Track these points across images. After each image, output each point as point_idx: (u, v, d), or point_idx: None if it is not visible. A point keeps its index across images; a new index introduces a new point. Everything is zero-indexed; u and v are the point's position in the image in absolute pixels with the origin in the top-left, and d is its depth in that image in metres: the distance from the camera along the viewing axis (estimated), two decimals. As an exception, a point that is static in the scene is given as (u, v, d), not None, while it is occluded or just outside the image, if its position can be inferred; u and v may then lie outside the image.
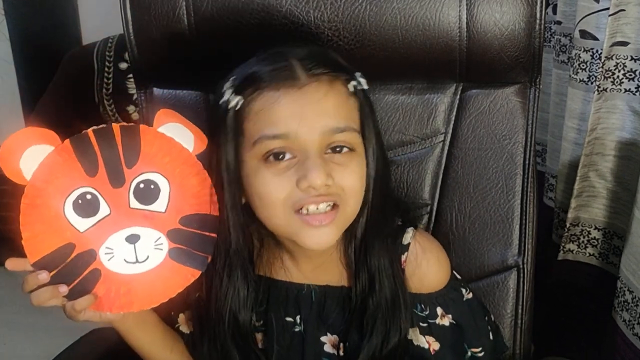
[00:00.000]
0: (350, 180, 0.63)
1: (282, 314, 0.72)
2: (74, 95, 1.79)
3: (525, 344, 0.80)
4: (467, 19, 0.75)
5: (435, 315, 0.71)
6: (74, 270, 0.62)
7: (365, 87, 0.66)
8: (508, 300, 0.79)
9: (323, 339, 0.71)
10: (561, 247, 1.13)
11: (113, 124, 0.62)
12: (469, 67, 0.79)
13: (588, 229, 1.10)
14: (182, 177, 0.64)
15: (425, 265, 0.70)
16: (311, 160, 0.60)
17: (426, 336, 0.70)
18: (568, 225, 1.11)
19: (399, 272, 0.69)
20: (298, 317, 0.72)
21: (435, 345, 0.71)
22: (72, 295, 0.62)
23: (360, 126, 0.65)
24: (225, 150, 0.64)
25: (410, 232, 0.71)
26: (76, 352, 0.82)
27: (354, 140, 0.63)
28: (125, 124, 0.63)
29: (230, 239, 0.66)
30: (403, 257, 0.70)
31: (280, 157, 0.61)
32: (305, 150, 0.61)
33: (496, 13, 0.75)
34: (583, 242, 1.11)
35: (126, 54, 1.82)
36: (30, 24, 2.01)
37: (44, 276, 0.61)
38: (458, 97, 0.81)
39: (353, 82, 0.64)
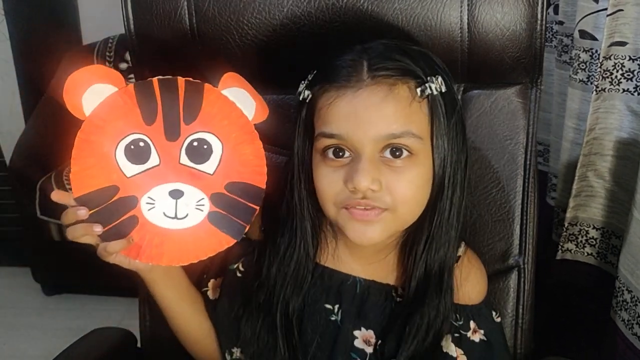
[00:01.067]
0: (401, 188, 0.62)
1: (322, 300, 0.71)
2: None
3: (525, 344, 0.80)
4: (468, 19, 0.75)
5: (468, 328, 0.71)
6: (113, 212, 0.62)
7: (436, 92, 0.62)
8: (509, 300, 0.79)
9: (356, 333, 0.70)
10: (559, 247, 1.13)
11: (179, 77, 0.63)
12: (470, 68, 0.78)
13: (586, 229, 1.10)
14: (237, 143, 0.64)
15: (470, 278, 0.72)
16: (361, 163, 0.60)
17: (456, 348, 0.70)
18: (566, 224, 1.10)
19: (451, 287, 0.69)
20: (337, 307, 0.71)
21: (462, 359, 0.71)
22: (106, 237, 0.63)
23: (429, 132, 0.63)
24: (296, 139, 0.67)
25: (462, 245, 0.73)
26: (76, 352, 0.81)
27: (414, 145, 0.62)
28: (191, 79, 0.63)
29: (296, 222, 0.68)
30: (454, 266, 0.70)
31: (340, 154, 0.63)
32: (358, 151, 0.61)
33: (497, 14, 0.75)
34: (581, 241, 1.11)
35: (126, 54, 1.83)
36: (30, 24, 2.01)
37: (83, 212, 0.61)
38: (459, 97, 0.81)
39: (421, 87, 0.62)
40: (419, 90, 0.62)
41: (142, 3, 0.80)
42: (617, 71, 0.99)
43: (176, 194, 0.63)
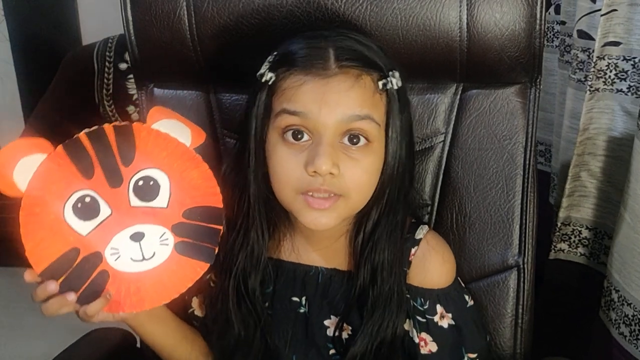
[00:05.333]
0: (356, 175, 0.64)
1: (288, 294, 0.72)
2: (73, 95, 1.78)
3: (525, 344, 0.79)
4: (467, 19, 0.75)
5: (434, 312, 0.71)
6: (82, 274, 0.61)
7: (396, 87, 0.65)
8: (508, 300, 0.79)
9: (326, 322, 0.72)
10: (552, 247, 1.12)
11: (105, 125, 0.61)
12: (469, 68, 0.78)
13: (579, 229, 1.10)
14: (182, 171, 0.63)
15: (431, 261, 0.72)
16: (322, 147, 0.62)
17: (422, 333, 0.71)
18: (559, 224, 1.10)
19: (401, 269, 0.70)
20: (304, 299, 0.72)
21: (432, 347, 0.71)
22: (83, 300, 0.61)
23: (385, 123, 0.65)
24: (253, 119, 0.66)
25: (424, 228, 0.73)
26: (76, 352, 0.81)
27: (372, 132, 0.64)
28: (117, 123, 0.61)
29: (251, 204, 0.68)
30: (413, 250, 0.71)
31: (299, 136, 0.63)
32: (320, 134, 0.62)
33: (496, 13, 0.75)
34: (574, 241, 1.11)
35: (126, 54, 1.82)
36: (30, 24, 2.00)
37: (53, 287, 0.59)
38: (458, 97, 0.81)
39: (383, 81, 0.65)
40: (380, 83, 0.65)
41: (141, 4, 0.80)
42: (611, 71, 0.99)
43: (137, 237, 0.62)
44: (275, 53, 0.67)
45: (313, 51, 0.64)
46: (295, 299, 0.73)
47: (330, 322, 0.72)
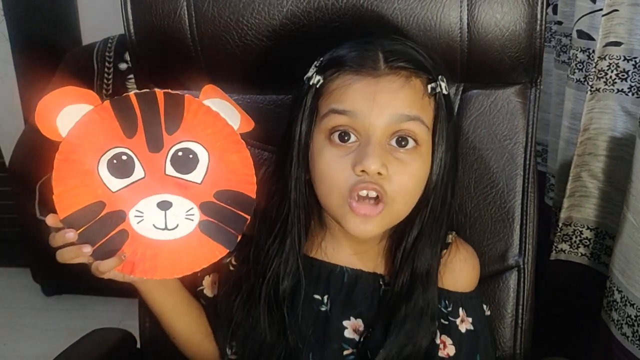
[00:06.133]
0: (404, 179, 0.63)
1: (311, 291, 0.71)
2: (73, 95, 1.79)
3: (525, 344, 0.79)
4: (468, 19, 0.75)
5: (457, 315, 0.71)
6: (102, 229, 0.61)
7: (445, 92, 0.65)
8: (508, 300, 0.79)
9: (345, 323, 0.70)
10: (553, 247, 1.12)
11: (157, 89, 0.61)
12: (469, 68, 0.78)
13: (580, 229, 1.09)
14: (223, 151, 0.62)
15: (458, 264, 0.72)
16: (370, 147, 0.61)
17: (443, 335, 0.70)
18: (560, 225, 1.10)
19: (435, 281, 0.69)
20: (326, 297, 0.71)
21: (451, 350, 0.70)
22: (98, 254, 0.61)
23: (432, 126, 0.64)
24: (299, 124, 0.65)
25: (452, 233, 0.73)
26: (76, 352, 0.81)
27: (421, 135, 0.63)
28: (170, 91, 0.61)
29: (290, 210, 0.67)
30: (443, 252, 0.71)
31: (346, 138, 0.62)
32: (368, 135, 0.61)
33: (497, 14, 0.75)
34: (575, 242, 1.10)
35: (126, 55, 1.82)
36: (30, 24, 2.00)
37: (71, 235, 0.60)
38: (459, 97, 0.81)
39: (432, 84, 0.64)
40: (429, 86, 0.64)
41: (141, 4, 0.79)
42: (612, 71, 0.98)
43: (164, 205, 0.62)
44: (322, 59, 0.66)
45: (362, 52, 0.63)
46: (317, 296, 0.71)
47: (349, 324, 0.70)
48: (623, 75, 0.98)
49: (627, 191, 0.88)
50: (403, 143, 0.63)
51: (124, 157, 0.61)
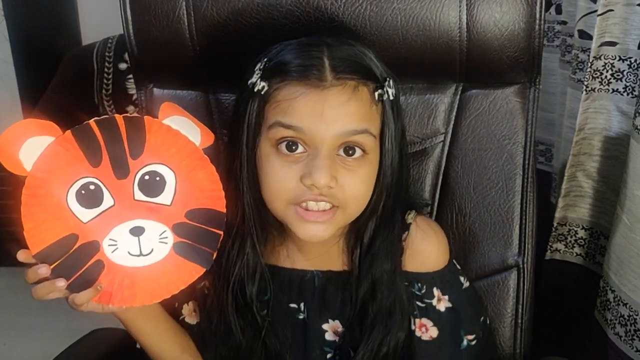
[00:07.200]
0: (354, 186, 0.63)
1: (285, 300, 0.71)
2: (73, 95, 1.78)
3: (525, 343, 0.79)
4: (467, 19, 0.75)
5: (432, 296, 0.70)
6: (77, 261, 0.60)
7: (392, 97, 0.64)
8: (508, 300, 0.79)
9: (325, 326, 0.71)
10: (549, 247, 1.12)
11: (116, 115, 0.60)
12: (469, 68, 0.78)
13: (575, 229, 1.09)
14: (189, 170, 0.62)
15: (423, 244, 0.71)
16: (319, 160, 0.60)
17: (423, 318, 0.70)
18: (555, 224, 1.09)
19: (399, 280, 0.69)
20: (302, 304, 0.72)
21: (433, 332, 0.70)
22: (74, 287, 0.60)
23: (379, 131, 0.64)
24: (245, 129, 0.64)
25: (412, 213, 0.72)
26: (76, 352, 0.81)
27: (369, 144, 0.63)
28: (129, 114, 0.60)
29: (245, 213, 0.66)
30: (403, 236, 0.70)
31: (294, 147, 0.62)
32: (316, 147, 0.61)
33: (496, 13, 0.74)
34: (570, 241, 1.10)
35: (126, 55, 1.82)
36: (30, 24, 2.00)
37: (44, 270, 0.59)
38: (458, 97, 0.81)
39: (379, 91, 0.63)
40: (377, 94, 0.63)
41: (141, 4, 0.79)
42: (607, 71, 0.98)
43: (137, 231, 0.61)
44: (265, 60, 0.64)
45: (307, 61, 0.62)
46: (293, 305, 0.72)
47: (328, 326, 0.71)
48: (618, 75, 0.98)
49: (621, 191, 0.88)
50: (351, 152, 0.62)
51: (92, 187, 0.60)
